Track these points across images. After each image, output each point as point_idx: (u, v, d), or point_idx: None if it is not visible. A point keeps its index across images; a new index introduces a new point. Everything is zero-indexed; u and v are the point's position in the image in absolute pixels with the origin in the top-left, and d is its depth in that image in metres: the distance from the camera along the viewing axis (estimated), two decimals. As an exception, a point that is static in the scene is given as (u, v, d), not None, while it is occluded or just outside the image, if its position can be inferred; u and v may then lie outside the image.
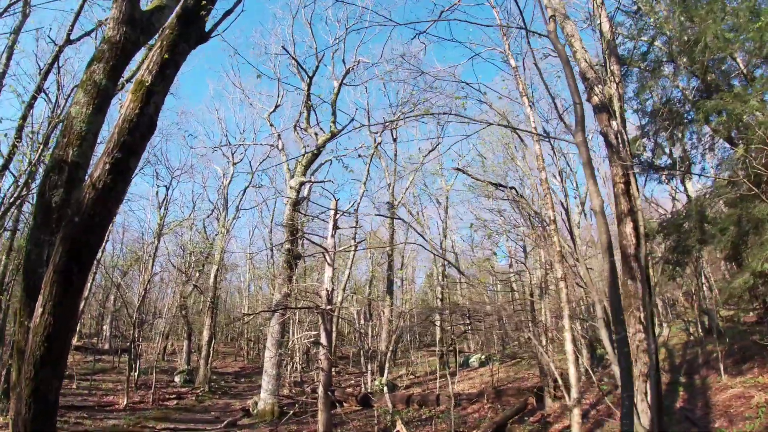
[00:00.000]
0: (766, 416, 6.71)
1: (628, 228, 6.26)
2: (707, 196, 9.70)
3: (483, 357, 23.38)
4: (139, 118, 3.87)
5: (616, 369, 5.43)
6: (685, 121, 10.93)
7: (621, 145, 6.87)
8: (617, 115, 6.14)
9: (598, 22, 8.04)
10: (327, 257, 13.96)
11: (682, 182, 15.63)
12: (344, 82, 19.81)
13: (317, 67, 19.07)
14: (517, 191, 7.51)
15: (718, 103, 7.57)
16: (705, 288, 14.60)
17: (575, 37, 8.02)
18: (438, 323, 22.17)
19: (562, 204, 6.37)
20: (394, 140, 25.65)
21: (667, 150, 10.20)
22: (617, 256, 6.16)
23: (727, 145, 10.67)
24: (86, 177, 3.88)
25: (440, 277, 26.62)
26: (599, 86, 7.42)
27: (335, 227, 15.37)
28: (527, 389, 13.08)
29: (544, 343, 14.53)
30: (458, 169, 7.79)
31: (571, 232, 6.10)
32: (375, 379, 20.30)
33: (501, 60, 8.52)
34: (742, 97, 7.07)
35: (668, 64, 10.74)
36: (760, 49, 8.57)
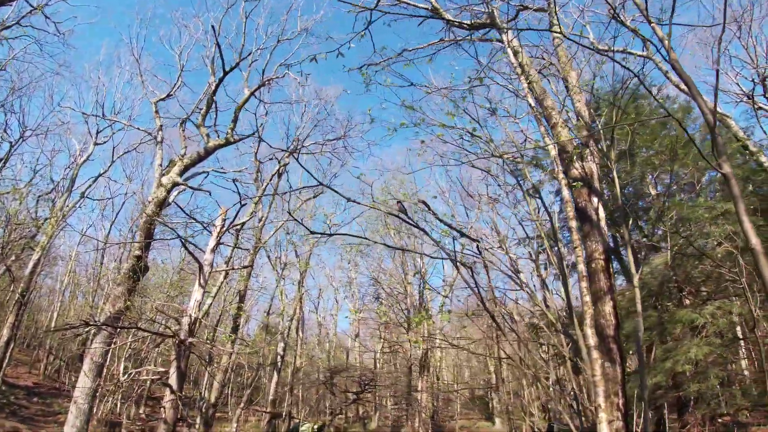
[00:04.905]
0: None
1: (608, 307, 5.63)
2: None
3: (315, 426, 22.47)
4: None
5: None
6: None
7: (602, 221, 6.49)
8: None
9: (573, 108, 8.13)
10: (201, 276, 11.36)
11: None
12: (254, 94, 17.92)
13: (237, 64, 17.07)
14: (480, 251, 6.54)
15: (672, 205, 7.99)
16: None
17: (555, 110, 7.94)
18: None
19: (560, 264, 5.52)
20: (279, 175, 23.44)
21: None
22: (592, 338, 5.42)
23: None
24: None
25: (296, 331, 24.88)
26: (578, 162, 7.20)
27: (218, 242, 12.90)
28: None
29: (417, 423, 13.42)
30: (423, 202, 6.55)
31: (568, 301, 5.20)
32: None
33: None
34: (691, 205, 7.53)
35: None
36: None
